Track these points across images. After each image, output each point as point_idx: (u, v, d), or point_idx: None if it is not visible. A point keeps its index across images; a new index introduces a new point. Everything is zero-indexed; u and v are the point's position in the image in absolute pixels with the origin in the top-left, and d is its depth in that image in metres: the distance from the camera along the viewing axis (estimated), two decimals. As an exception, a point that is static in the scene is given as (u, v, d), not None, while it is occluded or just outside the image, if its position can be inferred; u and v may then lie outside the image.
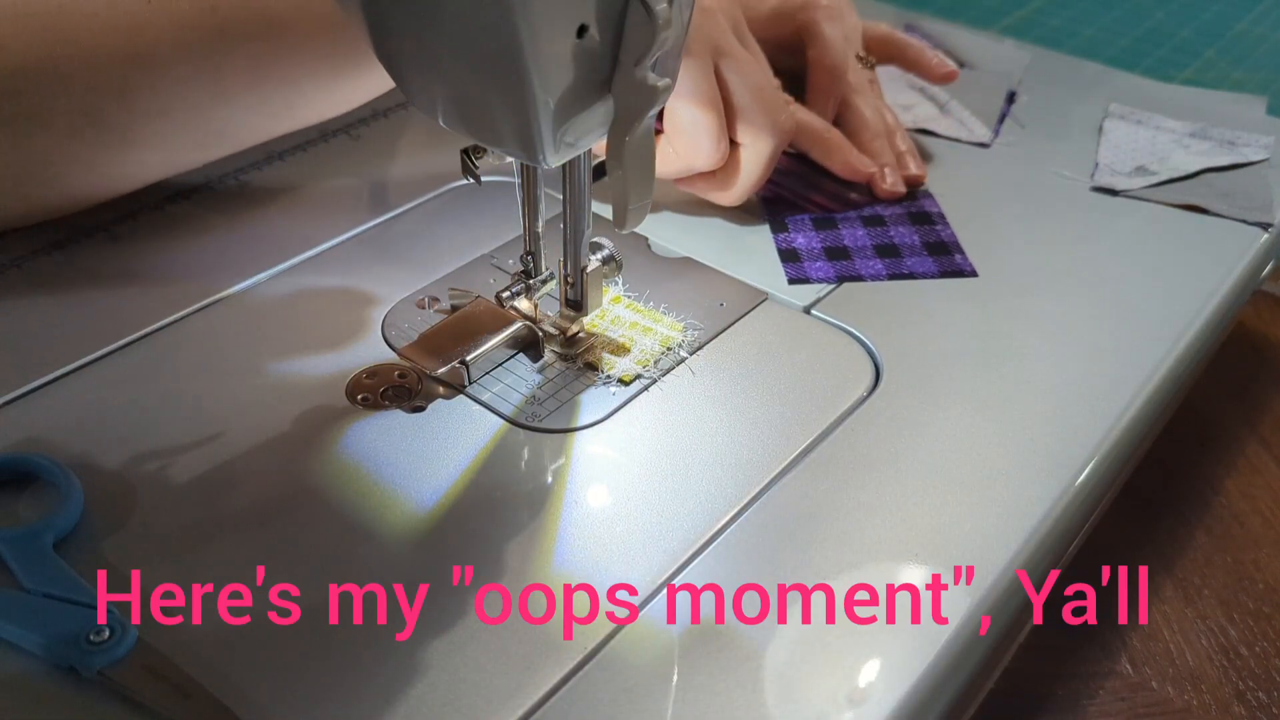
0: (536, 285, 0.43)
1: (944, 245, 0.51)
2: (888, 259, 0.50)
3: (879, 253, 0.50)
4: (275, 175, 0.54)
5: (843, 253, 0.50)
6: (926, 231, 0.52)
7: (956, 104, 0.62)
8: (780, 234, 0.51)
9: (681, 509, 0.37)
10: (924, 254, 0.50)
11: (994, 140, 0.60)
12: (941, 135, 0.60)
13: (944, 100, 0.63)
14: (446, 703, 0.31)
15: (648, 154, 0.36)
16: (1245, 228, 0.53)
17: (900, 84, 0.64)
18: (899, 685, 0.32)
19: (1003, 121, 0.62)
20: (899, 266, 0.49)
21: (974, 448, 0.40)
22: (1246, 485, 0.54)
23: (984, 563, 0.35)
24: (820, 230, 0.52)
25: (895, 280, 0.49)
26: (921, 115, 0.62)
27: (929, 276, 0.49)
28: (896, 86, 0.64)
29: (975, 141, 0.60)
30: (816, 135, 0.53)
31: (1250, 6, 0.92)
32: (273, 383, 0.42)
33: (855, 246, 0.51)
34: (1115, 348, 0.45)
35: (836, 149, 0.53)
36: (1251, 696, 0.44)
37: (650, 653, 0.32)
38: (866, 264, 0.50)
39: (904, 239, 0.51)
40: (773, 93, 0.49)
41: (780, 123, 0.49)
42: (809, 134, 0.53)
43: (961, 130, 0.60)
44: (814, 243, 0.51)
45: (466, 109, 0.36)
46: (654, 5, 0.32)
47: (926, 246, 0.51)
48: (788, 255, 0.50)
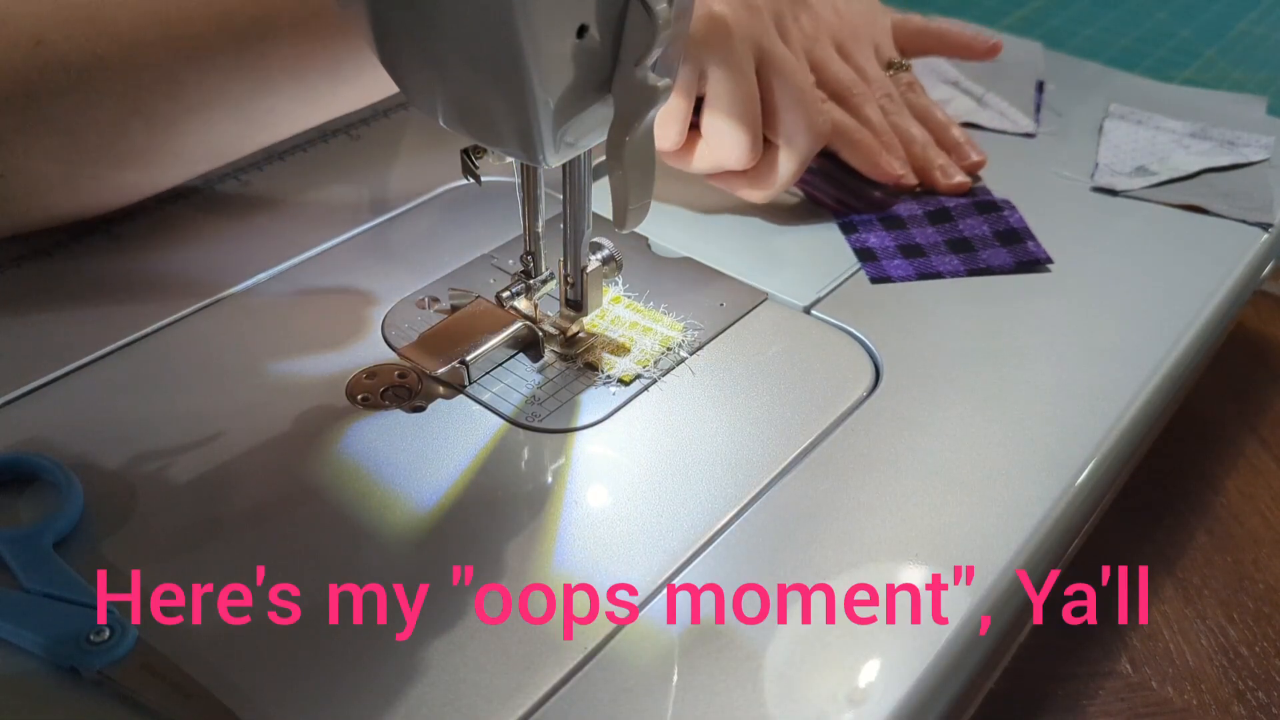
0: (536, 285, 0.43)
1: (1015, 233, 0.51)
2: (963, 254, 0.50)
3: (952, 248, 0.50)
4: (275, 176, 0.54)
5: (917, 250, 0.50)
6: (995, 220, 0.51)
7: (993, 96, 0.62)
8: (852, 235, 0.51)
9: (681, 509, 0.37)
10: (996, 245, 0.50)
11: (1038, 130, 0.60)
12: (986, 128, 0.60)
13: (979, 93, 0.62)
14: (446, 703, 0.31)
15: (648, 154, 0.36)
16: (1245, 228, 0.53)
17: (933, 78, 0.64)
18: (899, 685, 0.32)
19: (1039, 111, 0.62)
20: (975, 261, 0.49)
21: (974, 448, 0.40)
22: (1246, 485, 0.54)
23: (984, 563, 0.35)
24: (891, 230, 0.51)
25: (974, 276, 0.49)
26: (961, 109, 0.61)
27: (1005, 271, 0.49)
28: (929, 82, 0.63)
29: (1020, 132, 0.60)
30: (849, 137, 0.52)
31: (1250, 6, 0.92)
32: (273, 383, 0.42)
33: (928, 244, 0.50)
34: (1115, 348, 0.45)
35: (867, 151, 0.53)
36: (1251, 696, 0.44)
37: (650, 653, 0.32)
38: (943, 260, 0.50)
39: (974, 230, 0.51)
40: (811, 93, 0.49)
41: (817, 125, 0.49)
42: (843, 135, 0.52)
43: (1004, 122, 0.60)
44: (887, 241, 0.50)
45: (466, 109, 0.36)
46: (654, 5, 0.32)
47: (998, 236, 0.50)
48: (864, 255, 0.50)
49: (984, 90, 0.62)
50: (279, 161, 0.55)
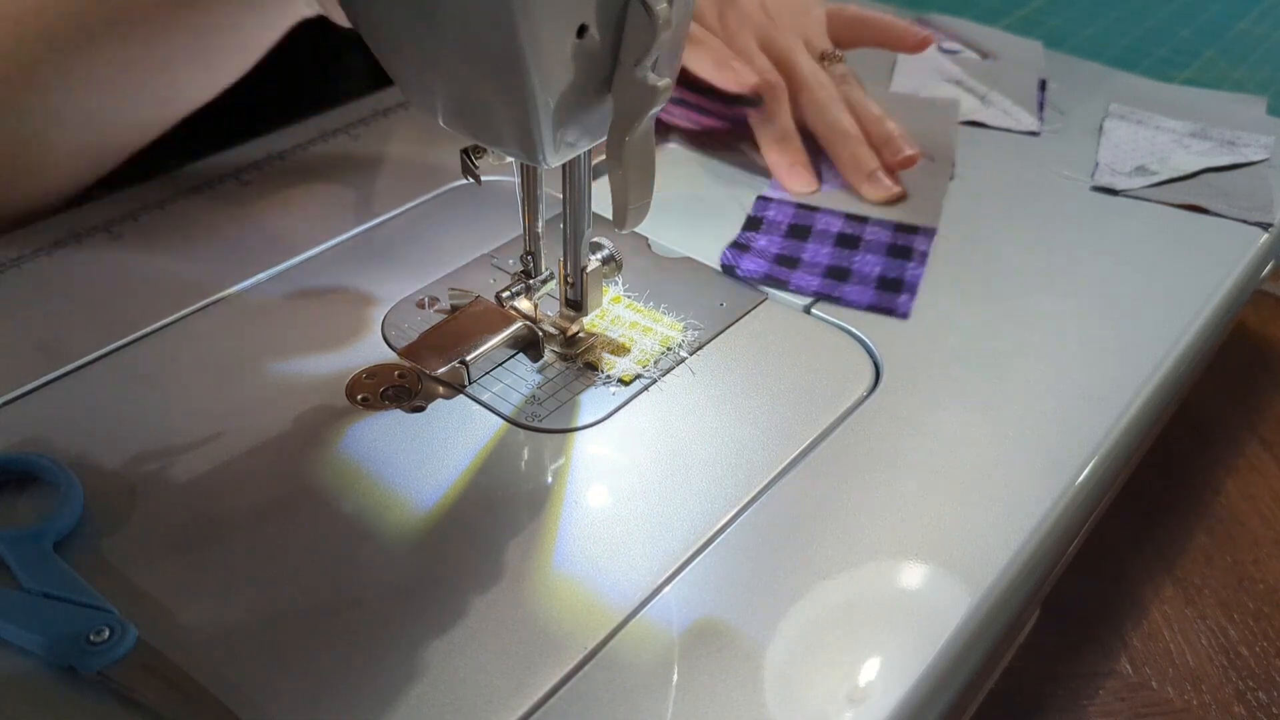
0: (536, 285, 0.43)
1: (898, 283, 0.48)
2: (831, 279, 0.48)
3: (828, 272, 0.48)
4: (275, 175, 0.54)
5: (791, 262, 0.49)
6: (894, 266, 0.49)
7: (997, 94, 0.62)
8: (748, 231, 0.51)
9: (681, 509, 0.37)
10: (870, 286, 0.48)
11: (1042, 128, 0.60)
12: (991, 126, 0.60)
13: (983, 92, 0.62)
14: (446, 703, 0.31)
15: (648, 154, 0.36)
16: (1245, 228, 0.53)
17: (936, 78, 0.64)
18: (899, 685, 0.32)
19: (1043, 110, 0.62)
20: (834, 289, 0.47)
21: (974, 448, 0.40)
22: (1246, 485, 0.54)
23: (984, 563, 0.35)
24: (789, 238, 0.51)
25: (819, 299, 0.47)
26: (965, 108, 0.61)
27: (856, 306, 0.46)
28: (933, 81, 0.63)
29: (1024, 130, 0.60)
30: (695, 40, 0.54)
31: (1250, 6, 0.92)
32: (273, 383, 0.42)
33: (808, 260, 0.49)
34: (1115, 348, 0.45)
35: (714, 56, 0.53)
36: (1251, 696, 0.44)
37: (650, 653, 0.32)
38: (803, 278, 0.48)
39: (864, 267, 0.49)
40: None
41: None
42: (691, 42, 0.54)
43: (1009, 120, 0.60)
44: (773, 245, 0.50)
45: (466, 109, 0.36)
46: (654, 5, 0.32)
47: (880, 280, 0.48)
48: (738, 247, 0.50)
49: (988, 89, 0.62)
50: (279, 161, 0.55)
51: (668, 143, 0.58)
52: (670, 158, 0.57)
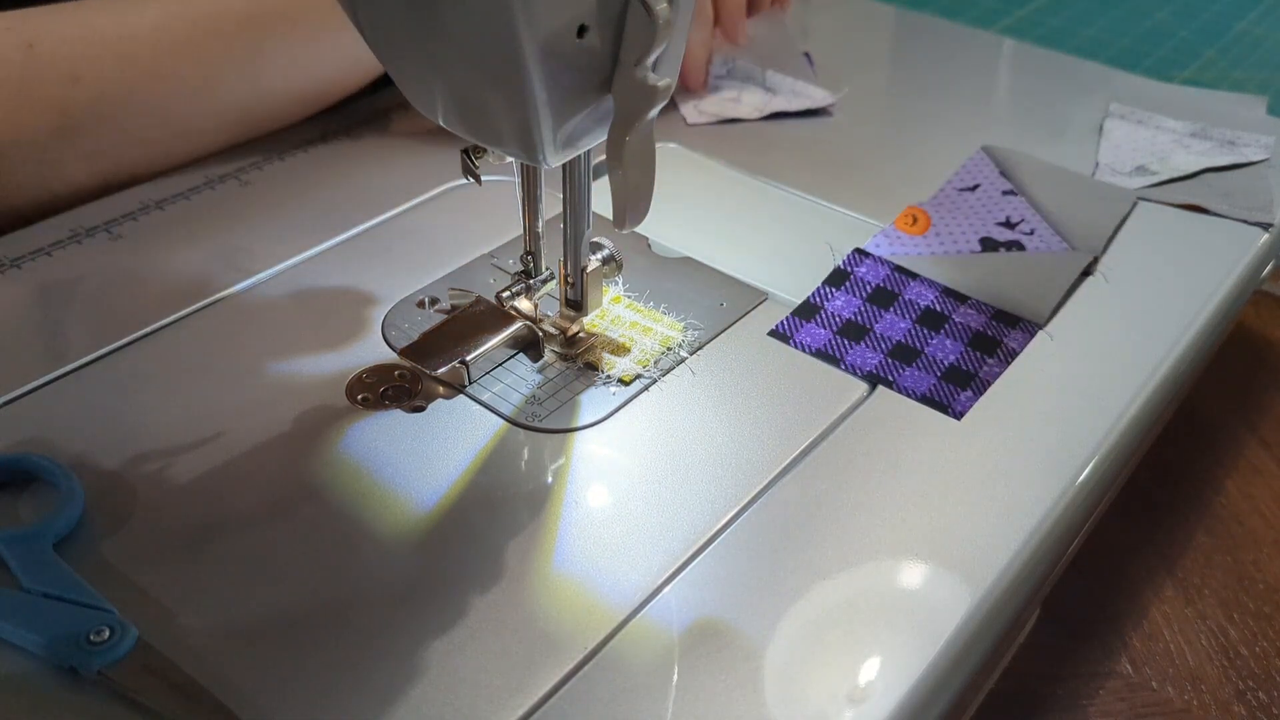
0: (536, 285, 0.43)
1: (967, 377, 0.42)
2: (892, 359, 0.43)
3: (893, 351, 0.44)
4: (275, 175, 0.54)
5: (859, 331, 0.44)
6: (969, 358, 0.43)
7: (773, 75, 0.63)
8: (829, 286, 0.47)
9: (681, 509, 0.37)
10: (934, 374, 0.43)
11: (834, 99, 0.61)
12: (791, 113, 0.61)
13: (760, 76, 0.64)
14: (446, 703, 0.31)
15: (648, 154, 0.36)
16: (1245, 228, 0.52)
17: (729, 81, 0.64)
18: (899, 685, 0.32)
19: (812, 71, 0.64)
20: (891, 371, 0.43)
21: (974, 448, 0.40)
22: (1246, 485, 0.54)
23: (984, 563, 0.35)
24: (871, 303, 0.46)
25: (873, 381, 0.42)
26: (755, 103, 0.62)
27: (909, 396, 0.42)
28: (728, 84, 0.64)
29: (821, 106, 0.61)
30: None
31: (1250, 6, 0.92)
32: (273, 383, 0.42)
33: (878, 333, 0.44)
34: (1115, 348, 0.45)
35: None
36: (1251, 696, 0.44)
37: (650, 653, 0.32)
38: (861, 355, 0.43)
39: (936, 352, 0.43)
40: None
41: None
42: None
43: (803, 100, 0.61)
44: (844, 311, 0.45)
45: (466, 109, 0.36)
46: (654, 5, 0.32)
47: (947, 371, 0.43)
48: (806, 309, 0.46)
49: (761, 70, 0.63)
50: (279, 161, 0.55)
51: (668, 143, 0.58)
52: (670, 158, 0.57)
